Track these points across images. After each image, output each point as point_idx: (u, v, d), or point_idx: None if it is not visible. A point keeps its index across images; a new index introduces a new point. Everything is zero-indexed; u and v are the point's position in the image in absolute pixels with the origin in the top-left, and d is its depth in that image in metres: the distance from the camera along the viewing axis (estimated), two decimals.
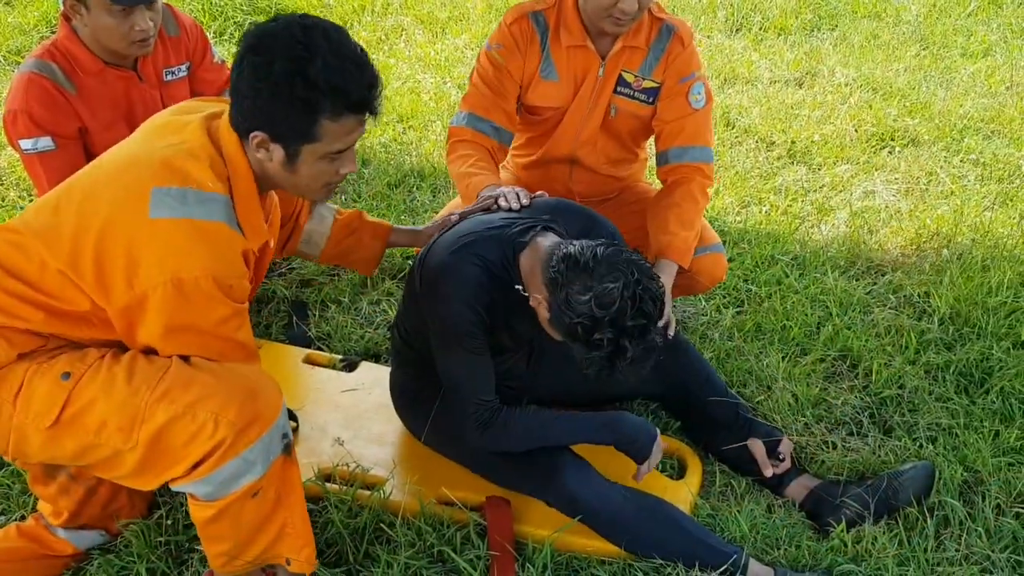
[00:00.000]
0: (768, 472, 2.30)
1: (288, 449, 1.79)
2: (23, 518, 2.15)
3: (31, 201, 3.33)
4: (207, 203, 1.68)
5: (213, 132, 1.77)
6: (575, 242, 1.91)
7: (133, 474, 1.73)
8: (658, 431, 2.15)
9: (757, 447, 2.32)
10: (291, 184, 1.80)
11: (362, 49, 1.73)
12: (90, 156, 2.48)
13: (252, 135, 1.71)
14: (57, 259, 1.68)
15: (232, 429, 1.67)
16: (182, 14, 2.80)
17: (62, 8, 2.53)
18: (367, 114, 1.75)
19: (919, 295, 3.05)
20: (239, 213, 1.73)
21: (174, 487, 1.73)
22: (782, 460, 2.32)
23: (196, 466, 1.69)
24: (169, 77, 2.72)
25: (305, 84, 1.65)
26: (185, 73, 2.77)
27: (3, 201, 3.45)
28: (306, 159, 1.74)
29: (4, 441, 1.74)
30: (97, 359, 1.73)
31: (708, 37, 5.24)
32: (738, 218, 3.55)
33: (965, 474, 2.33)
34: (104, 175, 1.75)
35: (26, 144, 2.53)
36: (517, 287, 2.01)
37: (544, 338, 2.02)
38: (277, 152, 1.73)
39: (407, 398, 2.34)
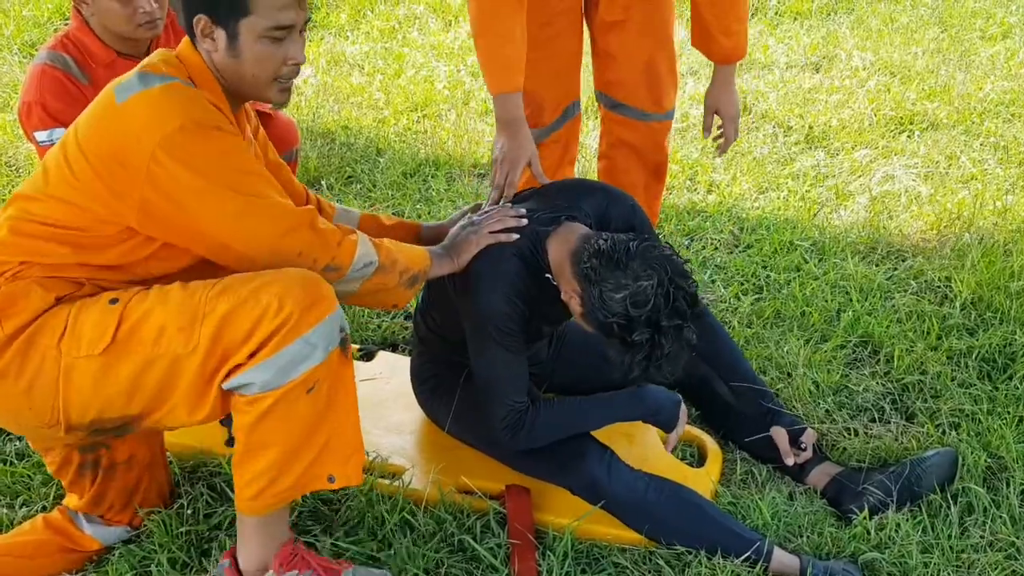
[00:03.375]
0: (789, 461, 2.28)
1: (345, 344, 1.77)
2: (44, 509, 2.16)
3: None
4: (164, 78, 1.72)
5: (172, 50, 1.83)
6: (604, 235, 1.90)
7: (188, 394, 1.68)
8: (679, 396, 2.15)
9: (780, 435, 2.29)
10: (239, 75, 1.79)
11: None
12: None
13: (195, 21, 1.75)
14: (72, 189, 1.70)
15: (298, 306, 1.65)
16: None
17: None
18: None
19: (940, 280, 3.02)
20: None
21: (229, 384, 1.68)
22: (804, 450, 2.30)
23: (255, 353, 1.66)
24: None
25: None
26: None
27: None
28: (246, 38, 1.75)
29: (52, 399, 1.70)
30: (142, 288, 1.74)
31: None
32: (756, 204, 3.52)
33: (989, 460, 2.30)
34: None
35: (41, 136, 2.53)
36: (547, 276, 2.00)
37: (568, 326, 2.00)
38: (220, 38, 1.76)
39: (429, 385, 2.33)
